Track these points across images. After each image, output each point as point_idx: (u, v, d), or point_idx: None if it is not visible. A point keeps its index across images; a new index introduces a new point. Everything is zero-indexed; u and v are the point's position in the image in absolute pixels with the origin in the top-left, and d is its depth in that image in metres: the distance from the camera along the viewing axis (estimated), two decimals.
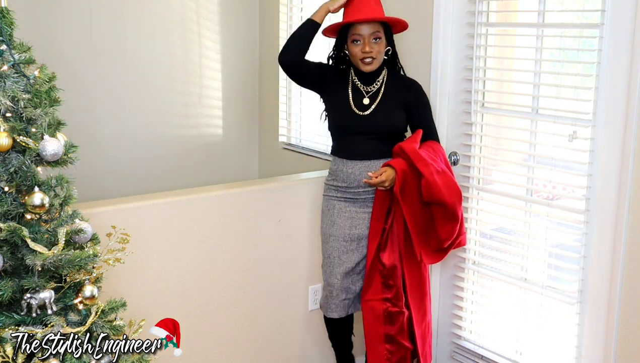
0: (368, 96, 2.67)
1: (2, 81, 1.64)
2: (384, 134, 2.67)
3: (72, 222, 1.77)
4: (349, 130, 2.66)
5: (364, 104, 2.66)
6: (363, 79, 2.68)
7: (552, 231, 2.65)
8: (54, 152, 1.68)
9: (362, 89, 2.68)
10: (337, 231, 2.70)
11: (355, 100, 2.66)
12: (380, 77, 2.69)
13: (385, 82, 2.69)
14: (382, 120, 2.64)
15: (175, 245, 2.67)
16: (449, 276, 3.07)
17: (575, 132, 2.49)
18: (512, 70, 2.96)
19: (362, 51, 2.57)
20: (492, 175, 2.95)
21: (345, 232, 2.70)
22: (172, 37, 3.84)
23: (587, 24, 2.53)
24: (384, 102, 2.66)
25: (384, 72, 2.70)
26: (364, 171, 2.65)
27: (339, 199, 2.71)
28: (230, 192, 2.82)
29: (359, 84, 2.68)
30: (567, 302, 2.61)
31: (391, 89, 2.68)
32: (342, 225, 2.70)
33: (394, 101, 2.67)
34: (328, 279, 2.74)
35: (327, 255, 2.74)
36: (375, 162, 2.66)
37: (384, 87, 2.68)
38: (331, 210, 2.73)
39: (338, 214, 2.71)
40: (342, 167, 2.69)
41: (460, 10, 2.83)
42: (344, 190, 2.70)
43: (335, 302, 2.73)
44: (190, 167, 4.00)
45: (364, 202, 2.70)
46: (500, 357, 2.89)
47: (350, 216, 2.70)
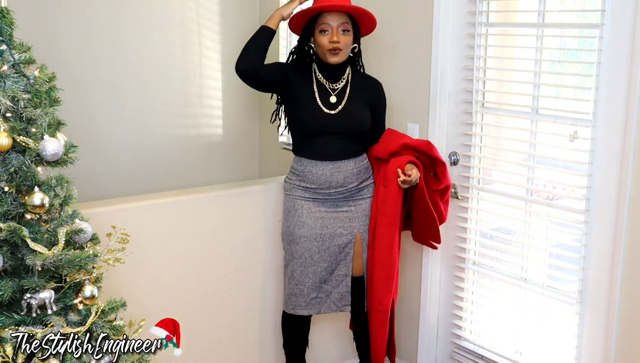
0: (334, 94, 2.66)
1: (2, 81, 1.64)
2: (353, 133, 2.67)
3: (72, 222, 1.77)
4: (318, 130, 2.63)
5: (331, 102, 2.64)
6: (328, 76, 2.67)
7: (552, 231, 2.65)
8: (54, 152, 1.68)
9: (328, 87, 2.67)
10: (307, 232, 2.69)
11: (322, 98, 2.65)
12: (345, 74, 2.69)
13: (351, 80, 2.69)
14: (352, 119, 2.64)
15: (175, 245, 2.67)
16: (449, 276, 3.07)
17: (576, 132, 2.49)
18: (512, 70, 2.95)
19: (330, 41, 2.56)
20: (492, 175, 2.95)
21: (317, 232, 2.69)
22: (172, 37, 3.84)
23: (587, 24, 2.53)
24: (352, 101, 2.66)
25: (348, 70, 2.70)
26: (334, 172, 2.65)
27: (307, 199, 2.69)
28: (230, 192, 2.82)
29: (323, 81, 2.66)
30: (567, 302, 2.61)
31: (356, 86, 2.69)
32: (313, 226, 2.69)
33: (361, 100, 2.68)
34: (299, 278, 2.72)
35: (297, 256, 2.71)
36: (345, 162, 2.66)
37: (349, 85, 2.68)
38: (299, 210, 2.70)
39: (308, 215, 2.69)
40: (310, 168, 2.67)
41: (460, 10, 2.83)
42: (313, 190, 2.69)
43: (306, 299, 2.73)
44: (190, 167, 4.00)
45: (334, 202, 2.70)
46: (500, 357, 2.89)
47: (321, 216, 2.69)
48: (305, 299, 2.73)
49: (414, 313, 3.13)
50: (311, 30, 2.62)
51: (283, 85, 2.69)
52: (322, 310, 2.77)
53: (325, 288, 2.74)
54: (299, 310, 2.75)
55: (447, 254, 3.03)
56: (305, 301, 2.73)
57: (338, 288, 2.76)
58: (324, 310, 2.77)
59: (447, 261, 3.04)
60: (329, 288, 2.75)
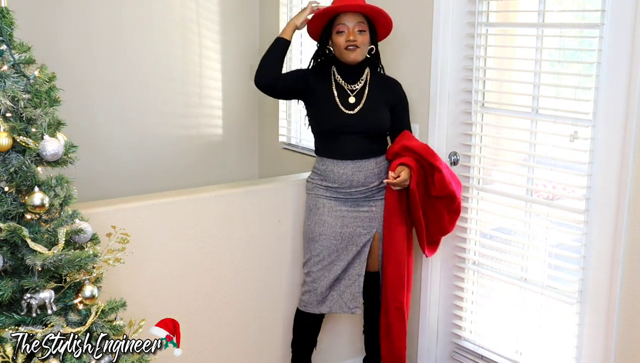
0: (353, 95, 2.69)
1: (2, 81, 1.64)
2: (372, 133, 2.70)
3: (72, 222, 1.77)
4: (338, 130, 2.67)
5: (350, 102, 2.68)
6: (347, 77, 2.70)
7: (552, 231, 2.65)
8: (54, 152, 1.68)
9: (347, 88, 2.70)
10: (327, 230, 2.72)
11: (341, 99, 2.69)
12: (364, 75, 2.71)
13: (369, 81, 2.71)
14: (370, 119, 2.67)
15: (175, 245, 2.67)
16: (449, 276, 3.07)
17: (577, 132, 2.49)
18: (512, 70, 2.96)
19: (347, 40, 2.61)
20: (492, 175, 2.95)
21: (337, 231, 2.72)
22: (172, 37, 3.84)
23: (587, 24, 2.53)
24: (371, 101, 2.69)
25: (367, 71, 2.73)
26: (355, 171, 2.68)
27: (329, 198, 2.72)
28: (230, 192, 2.82)
29: (342, 82, 2.70)
30: (567, 302, 2.61)
31: (375, 87, 2.72)
32: (333, 224, 2.72)
33: (380, 100, 2.70)
34: (314, 276, 2.75)
35: (315, 254, 2.75)
36: (365, 161, 2.68)
37: (368, 85, 2.70)
38: (320, 209, 2.73)
39: (329, 213, 2.72)
40: (332, 167, 2.70)
41: (460, 10, 2.83)
42: (334, 190, 2.72)
43: (318, 298, 2.76)
44: (190, 167, 4.00)
45: (355, 201, 2.72)
46: (500, 357, 2.89)
47: (342, 215, 2.72)
48: (318, 298, 2.76)
49: (414, 313, 3.13)
50: (329, 34, 2.67)
51: (303, 92, 2.74)
52: (334, 309, 2.79)
53: (338, 287, 2.77)
54: (310, 307, 2.78)
55: (447, 254, 3.03)
56: (317, 300, 2.76)
57: (351, 288, 2.78)
58: (335, 309, 2.79)
59: (447, 261, 3.04)
60: (341, 287, 2.78)
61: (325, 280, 2.74)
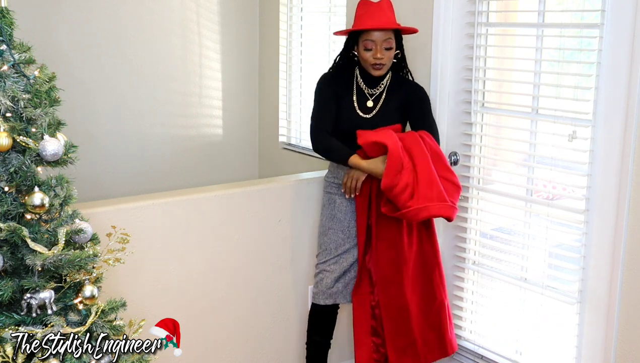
0: (372, 99, 2.72)
1: (2, 81, 1.64)
2: None
3: (72, 222, 1.77)
4: (351, 132, 2.68)
5: (367, 106, 2.71)
6: (368, 82, 2.73)
7: (552, 231, 2.65)
8: (54, 152, 1.68)
9: (366, 92, 2.73)
10: (336, 224, 2.79)
11: (360, 103, 2.72)
12: (385, 80, 2.72)
13: (388, 85, 2.72)
14: (382, 123, 2.69)
15: (175, 245, 2.67)
16: (449, 276, 3.06)
17: (575, 132, 2.49)
18: (512, 70, 2.95)
19: (374, 57, 2.60)
20: (492, 175, 2.95)
21: (345, 226, 2.78)
22: (172, 37, 3.84)
23: (586, 24, 2.53)
24: (386, 105, 2.71)
25: (389, 75, 2.74)
26: None
27: (341, 195, 2.78)
28: (230, 192, 2.82)
29: (363, 86, 2.73)
30: (567, 302, 2.61)
31: (393, 91, 2.72)
32: (342, 219, 2.78)
33: (395, 104, 2.72)
34: (322, 267, 2.81)
35: (324, 247, 2.82)
36: None
37: (386, 90, 2.72)
38: (332, 204, 2.80)
39: (339, 209, 2.78)
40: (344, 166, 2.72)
41: (460, 10, 2.83)
42: None
43: (325, 290, 2.80)
44: (190, 167, 4.00)
45: None
46: (500, 357, 2.89)
47: (352, 210, 2.77)
48: (325, 290, 2.81)
49: None
50: (355, 41, 2.66)
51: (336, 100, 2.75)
52: (338, 300, 2.83)
53: (344, 279, 2.82)
54: (317, 299, 2.83)
55: (447, 254, 3.03)
56: (324, 292, 2.81)
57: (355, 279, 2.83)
58: (339, 300, 2.84)
59: (447, 261, 3.03)
60: (347, 279, 2.82)
61: (333, 274, 2.80)
